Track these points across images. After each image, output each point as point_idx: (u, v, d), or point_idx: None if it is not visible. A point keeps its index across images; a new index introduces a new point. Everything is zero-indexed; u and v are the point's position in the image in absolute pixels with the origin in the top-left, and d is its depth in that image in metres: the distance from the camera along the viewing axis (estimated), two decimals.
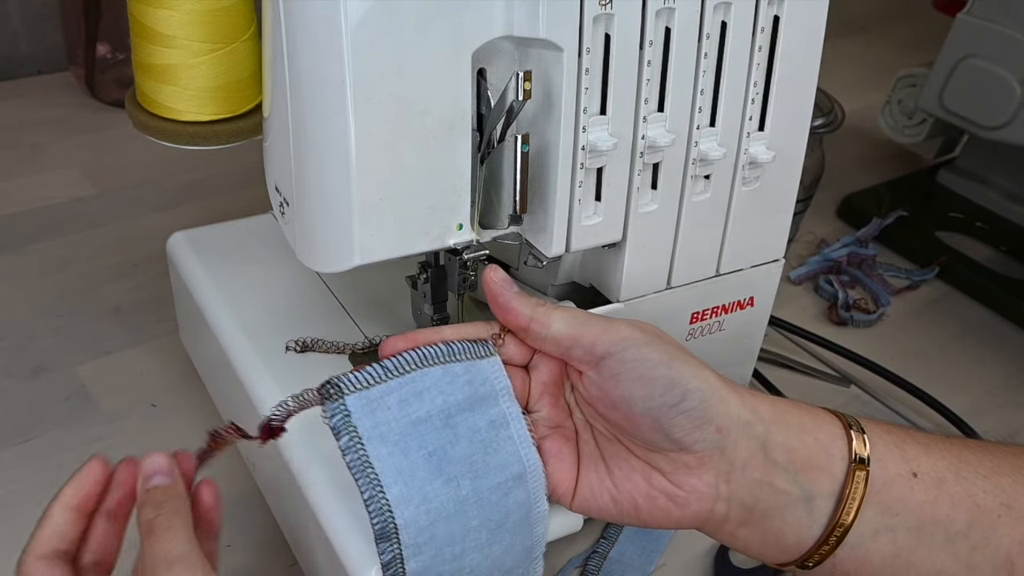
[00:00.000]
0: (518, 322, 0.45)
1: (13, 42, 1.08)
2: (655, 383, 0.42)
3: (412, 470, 0.41)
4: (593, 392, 0.44)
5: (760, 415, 0.42)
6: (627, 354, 0.42)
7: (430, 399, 0.42)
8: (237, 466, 0.62)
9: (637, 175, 0.49)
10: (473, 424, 0.43)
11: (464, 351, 0.44)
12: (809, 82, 0.53)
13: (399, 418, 0.41)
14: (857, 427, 0.43)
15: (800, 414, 0.44)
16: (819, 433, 0.43)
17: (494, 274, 0.45)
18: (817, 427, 0.43)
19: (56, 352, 0.71)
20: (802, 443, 0.43)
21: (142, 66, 0.55)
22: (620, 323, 0.43)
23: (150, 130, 0.56)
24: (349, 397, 0.41)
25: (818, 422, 0.44)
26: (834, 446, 0.43)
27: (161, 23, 0.53)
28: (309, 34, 0.42)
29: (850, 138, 1.06)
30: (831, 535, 0.42)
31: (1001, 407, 0.75)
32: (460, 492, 0.42)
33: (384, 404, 0.41)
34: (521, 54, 0.46)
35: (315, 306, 0.61)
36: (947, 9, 0.99)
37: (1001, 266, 0.89)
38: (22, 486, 0.60)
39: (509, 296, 0.45)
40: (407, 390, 0.42)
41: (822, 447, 0.43)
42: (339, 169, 0.44)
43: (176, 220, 0.77)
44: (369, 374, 0.42)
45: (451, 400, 0.42)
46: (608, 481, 0.44)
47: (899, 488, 0.42)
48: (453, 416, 0.42)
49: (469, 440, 0.42)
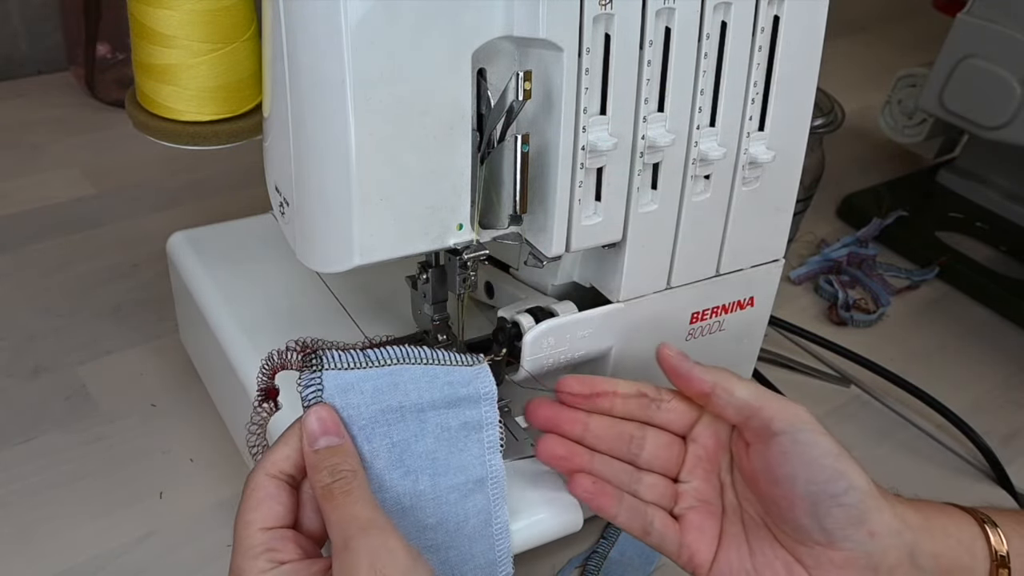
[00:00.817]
0: (702, 388, 0.46)
1: (13, 42, 1.08)
2: (822, 470, 0.42)
3: (372, 457, 0.41)
4: (757, 465, 0.45)
5: (908, 523, 0.43)
6: (801, 436, 0.43)
7: (403, 393, 0.42)
8: (237, 466, 0.62)
9: (637, 175, 0.49)
10: (444, 422, 0.43)
11: (452, 359, 0.44)
12: (809, 82, 0.53)
13: (369, 404, 0.42)
14: (991, 522, 0.44)
15: (941, 516, 0.44)
16: (961, 535, 0.44)
17: (669, 349, 0.46)
18: (958, 528, 0.44)
19: (56, 352, 0.71)
20: (947, 547, 0.43)
21: (142, 66, 0.55)
22: (796, 405, 0.44)
23: (150, 130, 0.56)
24: (327, 373, 0.41)
25: (958, 523, 0.44)
26: (976, 546, 0.43)
27: (161, 23, 0.53)
28: (309, 34, 0.42)
29: (850, 138, 1.06)
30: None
31: (1001, 407, 0.75)
32: (418, 486, 0.42)
33: (358, 389, 0.42)
34: (521, 54, 0.46)
35: (315, 306, 0.62)
36: (947, 9, 0.99)
37: (1001, 266, 0.89)
38: (22, 486, 0.60)
39: (690, 364, 0.46)
40: (384, 380, 0.42)
41: (965, 549, 0.43)
42: (339, 169, 0.44)
43: (176, 220, 0.77)
44: (352, 356, 0.42)
45: (426, 397, 0.43)
46: (748, 563, 0.45)
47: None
48: (425, 411, 0.43)
49: (435, 436, 0.43)
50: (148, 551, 0.57)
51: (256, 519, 0.39)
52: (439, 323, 0.57)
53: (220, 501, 0.60)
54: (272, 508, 0.40)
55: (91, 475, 0.61)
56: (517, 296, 0.56)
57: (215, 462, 0.63)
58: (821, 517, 0.42)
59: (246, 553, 0.38)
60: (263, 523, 0.39)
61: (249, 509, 0.40)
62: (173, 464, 0.63)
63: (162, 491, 0.61)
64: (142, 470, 0.62)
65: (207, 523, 0.59)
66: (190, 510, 0.60)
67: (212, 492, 0.61)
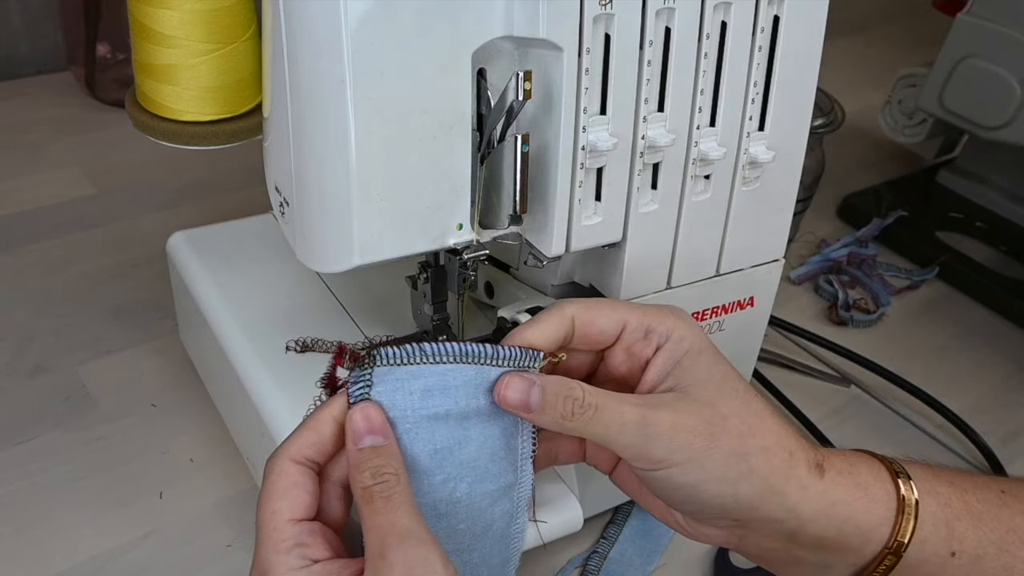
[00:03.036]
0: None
1: (13, 42, 1.08)
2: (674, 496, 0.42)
3: (413, 461, 0.40)
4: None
5: (799, 513, 0.41)
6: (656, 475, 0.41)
7: (453, 398, 0.41)
8: (237, 466, 0.62)
9: (637, 175, 0.49)
10: (488, 430, 0.42)
11: (510, 357, 0.42)
12: (809, 82, 0.53)
13: (417, 408, 0.40)
14: (912, 507, 0.42)
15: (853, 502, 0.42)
16: (866, 521, 0.42)
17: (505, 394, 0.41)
18: (867, 513, 0.42)
19: (56, 352, 0.71)
20: (840, 532, 0.42)
21: (142, 66, 0.55)
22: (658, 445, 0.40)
23: (150, 130, 0.56)
24: (378, 369, 0.39)
25: (870, 507, 0.42)
26: (875, 532, 0.42)
27: (161, 23, 0.53)
28: (309, 34, 0.42)
29: (850, 138, 1.06)
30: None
31: (1001, 407, 0.75)
32: (455, 494, 0.41)
33: (407, 388, 0.40)
34: (521, 54, 0.46)
35: (315, 306, 0.61)
36: (947, 9, 0.99)
37: (1001, 266, 0.89)
38: (22, 486, 0.60)
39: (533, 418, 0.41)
40: (435, 380, 0.40)
41: (862, 534, 0.42)
42: (339, 169, 0.44)
43: (176, 220, 0.77)
44: (407, 352, 0.40)
45: (473, 404, 0.41)
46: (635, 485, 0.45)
47: (931, 566, 0.42)
48: (470, 418, 0.41)
49: (479, 445, 0.41)
50: (148, 551, 0.57)
51: (283, 508, 0.37)
52: (439, 323, 0.57)
53: (220, 501, 0.60)
54: (300, 497, 0.38)
55: (91, 475, 0.61)
56: (517, 296, 0.56)
57: (215, 462, 0.63)
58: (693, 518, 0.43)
59: (275, 547, 0.37)
60: (291, 514, 0.37)
61: (275, 497, 0.38)
62: (173, 464, 0.63)
63: (162, 491, 0.61)
64: (142, 470, 0.62)
65: (207, 523, 0.59)
66: (190, 510, 0.60)
67: (212, 492, 0.61)
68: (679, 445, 0.40)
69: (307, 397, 0.54)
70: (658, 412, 0.41)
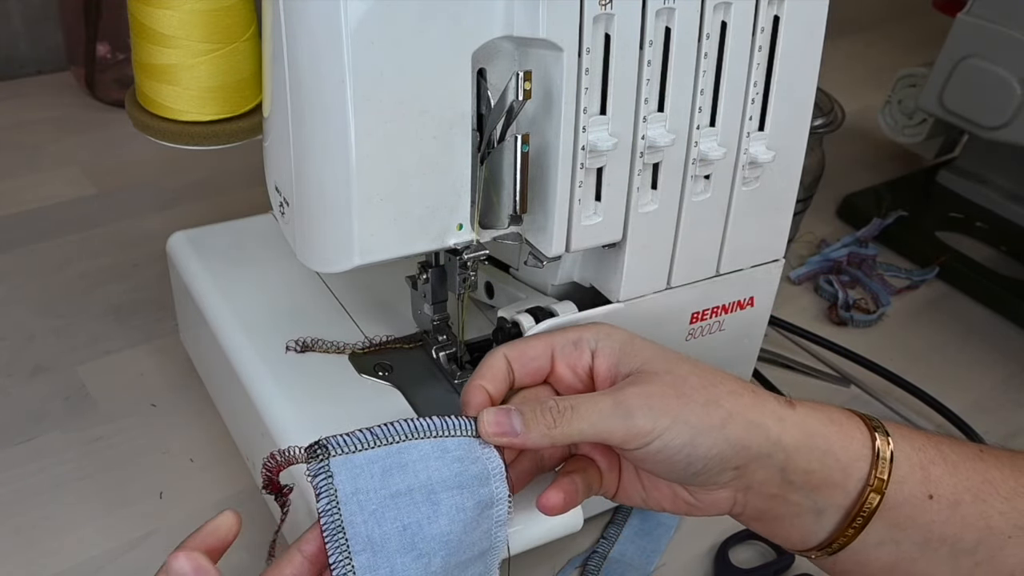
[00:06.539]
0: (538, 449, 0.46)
1: (13, 42, 1.08)
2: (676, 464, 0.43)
3: (384, 541, 0.41)
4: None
5: (783, 444, 0.43)
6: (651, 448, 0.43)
7: (413, 473, 0.42)
8: (237, 466, 0.62)
9: (637, 175, 0.49)
10: (459, 503, 0.42)
11: (460, 427, 0.43)
12: (809, 82, 0.53)
13: (379, 488, 0.41)
14: (887, 448, 0.44)
15: (829, 434, 0.44)
16: (843, 454, 0.44)
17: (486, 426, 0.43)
18: (844, 447, 0.44)
19: (56, 352, 0.71)
20: (823, 465, 0.44)
21: (142, 66, 0.55)
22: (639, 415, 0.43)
23: (150, 130, 0.56)
24: (334, 459, 0.41)
25: (845, 441, 0.44)
26: (854, 467, 0.44)
27: (161, 23, 0.53)
28: (309, 34, 0.42)
29: (850, 138, 1.06)
30: (834, 542, 0.45)
31: (1001, 407, 0.75)
32: (430, 568, 0.42)
33: (367, 472, 0.41)
34: (521, 54, 0.46)
35: (315, 306, 0.62)
36: (947, 9, 0.99)
37: (1001, 266, 0.89)
38: (22, 486, 0.60)
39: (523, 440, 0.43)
40: (392, 460, 0.42)
41: (842, 468, 0.44)
42: (339, 169, 0.44)
43: (176, 220, 0.77)
44: (357, 438, 0.42)
45: (436, 476, 0.42)
46: (639, 487, 0.48)
47: (911, 507, 0.44)
48: (437, 492, 0.42)
49: (450, 518, 0.42)
50: (148, 551, 0.57)
51: None
52: (439, 323, 0.57)
53: (220, 501, 0.60)
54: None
55: (91, 475, 0.61)
56: (517, 296, 0.56)
57: (215, 462, 0.63)
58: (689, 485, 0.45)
59: None
60: None
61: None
62: (173, 464, 0.63)
63: (162, 491, 0.61)
64: (142, 470, 0.62)
65: None
66: (190, 510, 0.60)
67: (212, 492, 0.61)
68: (658, 409, 0.43)
69: (307, 397, 0.54)
70: (626, 390, 0.44)
